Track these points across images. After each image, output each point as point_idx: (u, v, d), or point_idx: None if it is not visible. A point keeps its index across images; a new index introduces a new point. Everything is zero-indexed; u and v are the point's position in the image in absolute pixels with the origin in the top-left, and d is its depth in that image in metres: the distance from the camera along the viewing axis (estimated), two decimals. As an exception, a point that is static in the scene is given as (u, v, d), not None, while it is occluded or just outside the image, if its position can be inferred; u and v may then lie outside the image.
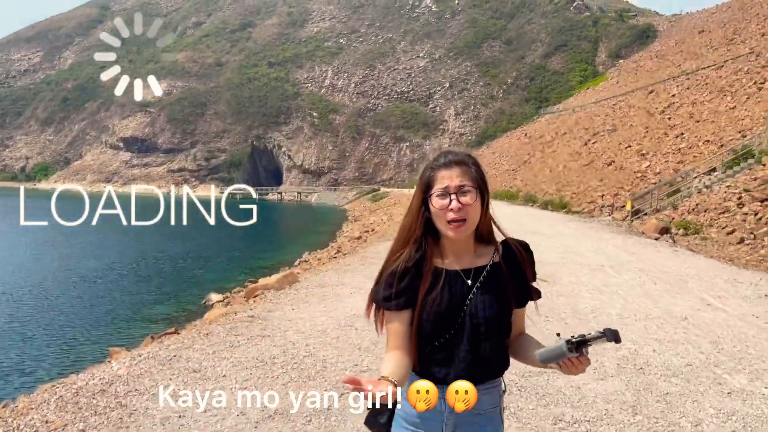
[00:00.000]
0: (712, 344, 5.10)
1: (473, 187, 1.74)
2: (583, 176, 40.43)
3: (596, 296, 7.40)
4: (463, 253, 1.78)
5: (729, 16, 69.50)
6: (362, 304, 5.74)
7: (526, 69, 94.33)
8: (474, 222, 1.74)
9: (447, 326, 1.73)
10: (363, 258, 10.68)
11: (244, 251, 28.78)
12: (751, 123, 30.28)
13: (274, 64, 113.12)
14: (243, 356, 4.65)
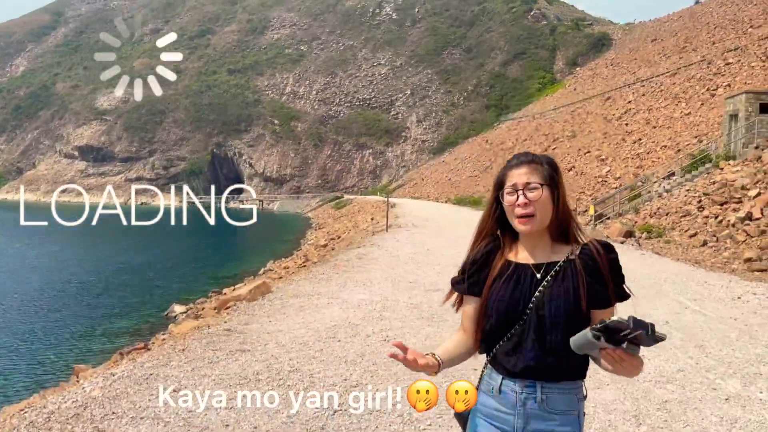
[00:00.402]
0: (698, 348, 5.09)
1: (541, 184, 1.78)
2: (545, 182, 41.00)
3: (575, 301, 7.39)
4: (537, 249, 1.83)
5: (680, 25, 71.82)
6: (340, 314, 5.57)
7: (486, 76, 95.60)
8: (543, 218, 1.78)
9: (513, 318, 1.77)
10: (335, 266, 10.49)
11: (207, 261, 28.23)
12: (707, 128, 31.24)
13: (234, 71, 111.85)
14: (225, 373, 4.41)
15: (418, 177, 79.62)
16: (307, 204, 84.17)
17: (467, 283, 1.88)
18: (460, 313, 1.93)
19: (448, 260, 11.33)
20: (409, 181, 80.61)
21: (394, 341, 1.66)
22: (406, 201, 53.83)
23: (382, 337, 5.30)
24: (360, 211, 45.63)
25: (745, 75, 37.28)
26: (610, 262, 1.81)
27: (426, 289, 8.02)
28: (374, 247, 13.89)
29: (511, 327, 1.77)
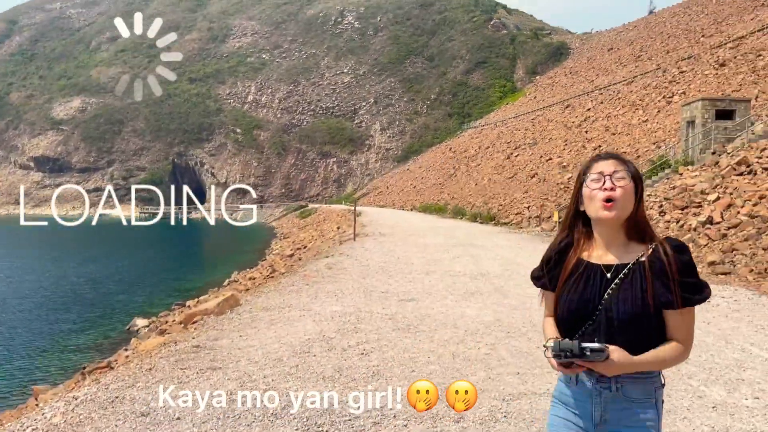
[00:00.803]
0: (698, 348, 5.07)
1: (629, 175, 1.83)
2: (508, 188, 41.48)
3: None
4: (611, 246, 1.85)
5: (636, 35, 73.83)
6: (314, 327, 5.38)
7: (448, 85, 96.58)
8: (625, 209, 1.81)
9: (583, 317, 1.82)
10: (304, 277, 10.28)
11: (170, 272, 27.62)
12: (664, 135, 32.06)
13: (195, 80, 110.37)
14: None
15: (383, 185, 79.73)
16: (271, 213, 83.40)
17: (545, 280, 1.98)
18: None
19: (419, 268, 11.26)
20: (374, 189, 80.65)
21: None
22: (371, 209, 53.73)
23: (359, 350, 5.15)
24: (326, 220, 45.35)
25: (699, 83, 38.44)
26: (678, 264, 1.79)
27: (399, 299, 7.90)
28: (343, 257, 13.72)
29: (581, 325, 1.82)
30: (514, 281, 9.66)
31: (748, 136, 20.56)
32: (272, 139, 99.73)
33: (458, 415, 3.51)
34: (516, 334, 5.91)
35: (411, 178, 73.17)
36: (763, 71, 31.00)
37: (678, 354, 1.80)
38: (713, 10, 59.97)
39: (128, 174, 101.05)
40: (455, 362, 4.69)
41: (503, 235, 21.84)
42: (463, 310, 7.14)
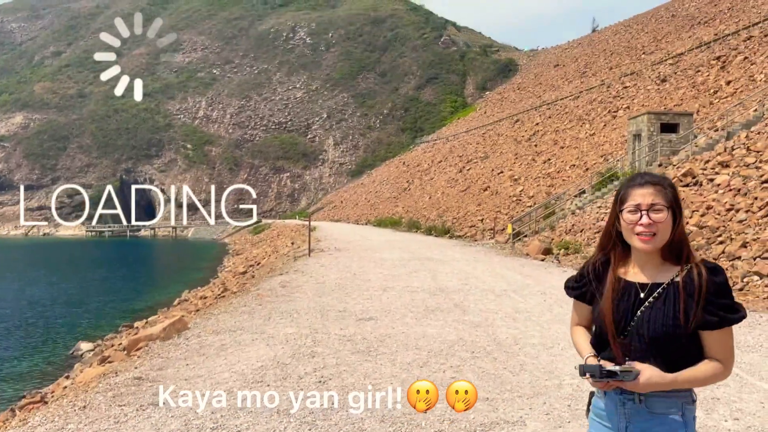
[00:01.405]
0: (647, 370, 4.93)
1: (665, 207, 1.83)
2: (461, 202, 41.77)
3: (512, 324, 7.18)
4: (647, 267, 1.89)
5: (580, 52, 76.03)
6: (267, 352, 4.99)
7: (400, 100, 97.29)
8: (663, 239, 1.83)
9: (615, 334, 1.86)
10: (258, 296, 9.83)
11: (118, 292, 26.50)
12: (611, 148, 32.85)
13: (144, 95, 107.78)
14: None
15: (338, 199, 79.36)
16: (223, 230, 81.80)
17: (578, 291, 2.01)
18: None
19: (376, 284, 10.96)
20: (329, 203, 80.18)
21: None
22: (326, 224, 53.25)
23: (316, 378, 4.80)
24: (279, 236, 44.64)
25: (642, 98, 39.70)
26: (712, 285, 1.81)
27: (358, 318, 7.57)
28: (298, 274, 13.31)
29: (615, 340, 1.86)
30: (473, 296, 9.47)
31: (692, 148, 21.17)
32: (224, 155, 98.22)
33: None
34: (481, 354, 5.67)
35: (365, 192, 73.10)
36: (703, 86, 32.20)
37: (716, 373, 1.81)
38: (653, 28, 62.32)
39: (73, 192, 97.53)
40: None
41: (459, 248, 21.79)
42: (424, 329, 6.87)
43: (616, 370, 1.76)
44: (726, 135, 20.39)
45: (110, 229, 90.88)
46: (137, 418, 4.05)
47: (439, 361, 5.36)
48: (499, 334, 6.57)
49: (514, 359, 5.44)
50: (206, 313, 8.85)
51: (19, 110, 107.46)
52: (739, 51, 33.33)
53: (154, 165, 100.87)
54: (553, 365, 5.23)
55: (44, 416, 4.35)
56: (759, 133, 18.27)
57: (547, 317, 7.61)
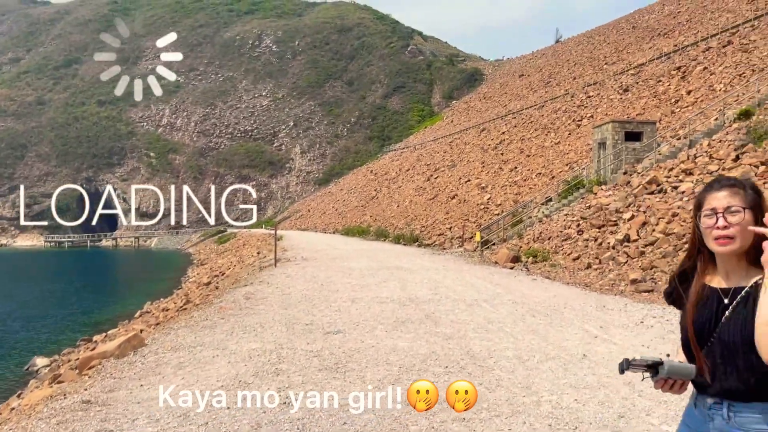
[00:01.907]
0: (628, 387, 4.74)
1: (743, 208, 1.77)
2: (429, 210, 41.73)
3: (484, 336, 6.95)
4: (731, 272, 1.83)
5: (544, 62, 77.20)
6: (229, 370, 4.64)
7: (368, 108, 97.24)
8: (743, 242, 1.77)
9: (700, 341, 1.81)
10: (220, 309, 9.42)
11: (78, 304, 25.62)
12: (576, 156, 33.21)
13: (105, 103, 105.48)
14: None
15: (305, 208, 78.65)
16: (187, 239, 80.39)
17: (672, 297, 1.98)
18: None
19: (344, 295, 10.65)
20: (296, 212, 79.41)
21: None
22: (293, 233, 52.64)
23: (280, 399, 4.48)
24: (245, 245, 43.95)
25: (605, 107, 40.34)
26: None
27: (325, 332, 7.26)
28: (263, 285, 12.90)
29: (700, 348, 1.82)
30: (444, 306, 9.24)
31: (655, 156, 21.45)
32: (188, 163, 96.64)
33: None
34: (455, 369, 5.42)
35: (333, 201, 72.64)
36: (664, 96, 32.84)
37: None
38: (614, 39, 63.63)
39: (32, 201, 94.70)
40: (393, 409, 4.13)
41: (428, 257, 21.61)
42: (395, 342, 6.60)
43: (645, 361, 1.70)
44: (688, 143, 20.72)
45: (70, 240, 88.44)
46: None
47: (411, 377, 5.09)
48: (472, 347, 6.33)
49: (489, 374, 5.21)
50: (165, 328, 8.42)
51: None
52: (698, 61, 34.14)
53: (116, 173, 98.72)
54: (530, 380, 5.01)
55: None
56: (720, 141, 18.59)
57: (519, 328, 7.42)
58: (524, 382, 4.93)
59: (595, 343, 6.43)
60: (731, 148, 17.01)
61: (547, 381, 4.95)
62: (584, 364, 5.46)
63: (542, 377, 5.09)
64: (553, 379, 5.00)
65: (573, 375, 5.12)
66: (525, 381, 4.97)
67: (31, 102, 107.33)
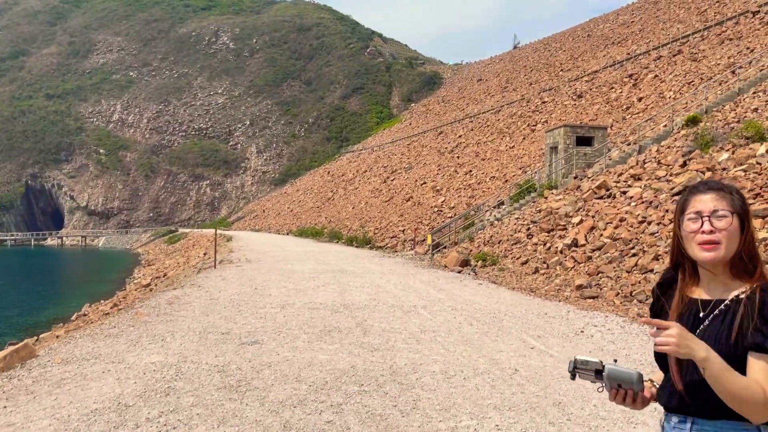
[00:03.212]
0: (557, 408, 4.25)
1: (730, 212, 1.67)
2: (384, 212, 41.27)
3: (414, 347, 6.40)
4: (713, 284, 1.73)
5: (502, 67, 77.87)
6: (113, 389, 3.93)
7: (326, 109, 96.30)
8: (729, 249, 1.66)
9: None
10: (136, 315, 8.63)
11: (14, 306, 24.08)
12: (529, 160, 33.23)
13: (53, 97, 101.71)
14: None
15: (260, 209, 77.25)
16: (137, 239, 77.95)
17: (654, 311, 1.85)
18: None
19: (276, 300, 9.98)
20: (250, 213, 77.92)
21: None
22: (245, 233, 51.49)
23: (157, 427, 3.81)
24: (195, 246, 42.68)
25: (559, 112, 40.65)
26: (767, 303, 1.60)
27: (240, 342, 6.58)
28: (194, 288, 12.10)
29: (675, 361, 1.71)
30: (379, 313, 8.67)
31: (605, 161, 21.44)
32: (140, 161, 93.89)
33: None
34: (371, 388, 4.83)
35: (288, 202, 71.53)
36: (616, 102, 33.17)
37: (757, 392, 1.51)
38: (570, 46, 64.55)
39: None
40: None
41: (377, 260, 21.06)
42: (314, 355, 5.98)
43: (587, 365, 1.56)
44: (638, 149, 20.75)
45: (13, 238, 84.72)
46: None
47: (319, 398, 4.49)
48: (397, 360, 5.77)
49: (407, 393, 4.64)
50: (68, 336, 7.59)
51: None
52: (650, 69, 34.63)
53: (64, 170, 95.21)
54: (452, 400, 4.47)
55: None
56: (669, 147, 18.62)
57: (454, 337, 6.90)
58: (444, 403, 4.38)
59: (530, 356, 5.96)
60: (679, 154, 17.00)
61: (470, 401, 4.42)
62: (514, 381, 4.96)
63: (466, 396, 4.56)
64: (476, 399, 4.47)
65: (500, 394, 4.61)
66: (445, 402, 4.42)
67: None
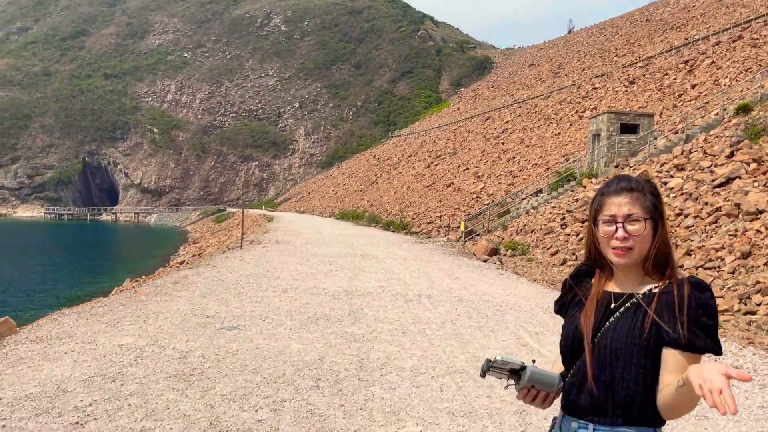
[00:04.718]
0: (518, 416, 3.79)
1: (643, 217, 1.66)
2: (424, 197, 40.78)
3: (397, 339, 6.05)
4: (627, 279, 1.72)
5: (555, 52, 75.62)
6: (61, 372, 3.74)
7: (374, 93, 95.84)
8: (641, 252, 1.67)
9: (579, 347, 1.68)
10: (135, 294, 8.57)
11: (60, 279, 24.96)
12: (574, 148, 32.09)
13: (111, 76, 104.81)
14: None
15: (305, 191, 77.80)
16: (186, 217, 79.77)
17: (559, 306, 1.85)
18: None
19: (282, 284, 9.77)
20: (296, 194, 78.60)
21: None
22: (289, 215, 51.95)
23: (77, 416, 3.60)
24: (238, 225, 43.29)
25: (609, 99, 39.08)
26: (694, 300, 1.58)
27: (220, 327, 6.38)
28: (208, 268, 12.06)
29: (577, 357, 1.69)
30: (379, 301, 8.35)
31: (650, 150, 20.38)
32: (191, 141, 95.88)
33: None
34: (327, 384, 4.51)
35: (333, 185, 71.77)
36: (669, 89, 31.59)
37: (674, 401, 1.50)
38: (627, 31, 62.04)
39: (34, 172, 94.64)
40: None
41: (407, 246, 20.70)
42: (288, 344, 5.71)
43: (506, 364, 1.51)
44: (685, 138, 19.64)
45: (69, 213, 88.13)
46: None
47: (265, 392, 4.20)
48: (372, 353, 5.44)
49: (362, 392, 4.31)
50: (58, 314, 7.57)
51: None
52: (707, 55, 32.82)
53: (119, 148, 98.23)
54: (406, 402, 4.11)
55: None
56: (717, 137, 17.51)
57: (444, 331, 6.51)
58: (396, 405, 4.03)
59: (518, 354, 5.53)
60: (726, 144, 15.93)
61: (426, 404, 4.05)
62: (486, 382, 4.55)
63: (424, 398, 4.18)
64: (434, 402, 4.09)
65: (463, 397, 4.22)
66: (399, 403, 4.07)
67: (37, 72, 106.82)
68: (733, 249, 10.17)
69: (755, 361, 5.48)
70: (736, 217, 11.38)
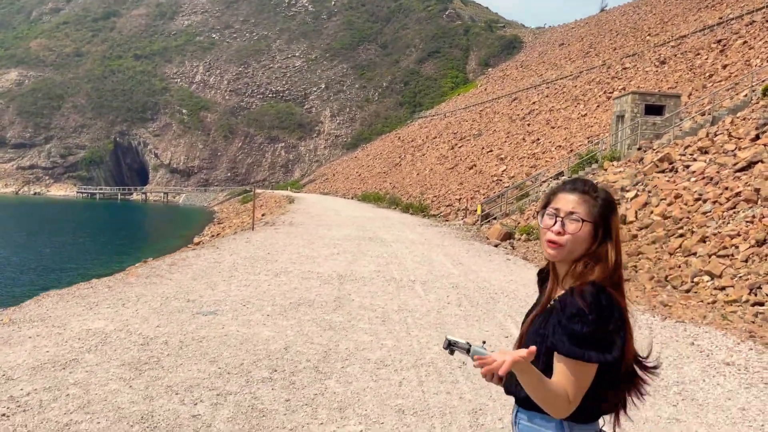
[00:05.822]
0: (471, 415, 3.55)
1: (584, 219, 1.66)
2: (446, 179, 40.32)
3: (374, 328, 5.84)
4: (562, 280, 1.74)
5: (586, 31, 73.72)
6: (14, 359, 3.62)
7: (401, 73, 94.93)
8: (571, 253, 1.68)
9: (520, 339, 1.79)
10: (127, 276, 8.52)
11: (84, 257, 25.34)
12: (599, 129, 31.25)
13: (141, 57, 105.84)
14: None
15: (330, 172, 77.79)
16: (214, 198, 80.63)
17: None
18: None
19: (277, 267, 9.64)
20: (321, 176, 78.68)
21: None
22: (312, 196, 52.05)
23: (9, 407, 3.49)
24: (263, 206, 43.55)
25: (639, 79, 37.91)
26: (571, 305, 1.61)
27: (196, 312, 6.25)
28: (211, 249, 12.00)
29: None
30: (370, 287, 8.14)
31: (675, 132, 19.66)
32: (219, 122, 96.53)
33: None
34: (282, 375, 4.33)
35: (357, 166, 71.57)
36: (699, 69, 30.46)
37: (560, 395, 1.55)
38: (661, 9, 60.04)
39: (67, 152, 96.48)
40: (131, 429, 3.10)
41: (420, 229, 20.44)
42: (260, 331, 5.55)
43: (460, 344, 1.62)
44: (711, 119, 18.88)
45: (101, 192, 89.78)
46: None
47: (213, 384, 4.04)
48: (342, 343, 5.24)
49: (315, 385, 4.11)
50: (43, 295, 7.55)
51: (14, 66, 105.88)
52: (740, 35, 31.50)
53: (149, 129, 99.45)
54: (357, 398, 3.90)
55: None
56: (744, 119, 16.76)
57: (427, 320, 6.28)
58: (346, 401, 3.82)
59: (499, 346, 5.28)
60: (753, 126, 15.23)
61: (378, 400, 3.83)
62: (451, 377, 4.31)
63: (378, 393, 3.97)
64: (387, 398, 3.88)
65: (421, 393, 3.99)
66: (349, 399, 3.86)
67: (69, 53, 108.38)
68: (748, 236, 9.68)
69: (749, 357, 5.13)
70: (755, 203, 10.85)
